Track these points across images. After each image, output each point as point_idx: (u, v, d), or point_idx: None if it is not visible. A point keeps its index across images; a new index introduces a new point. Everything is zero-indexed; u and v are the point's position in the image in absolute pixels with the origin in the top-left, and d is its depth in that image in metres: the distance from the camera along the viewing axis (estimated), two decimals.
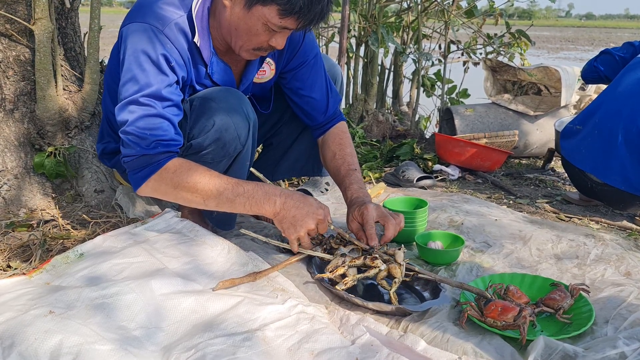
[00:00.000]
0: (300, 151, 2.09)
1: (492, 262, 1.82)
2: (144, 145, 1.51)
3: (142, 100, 1.51)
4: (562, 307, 1.45)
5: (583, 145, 2.33)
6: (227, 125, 1.62)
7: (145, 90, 1.51)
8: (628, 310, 1.45)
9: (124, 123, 1.52)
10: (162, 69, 1.53)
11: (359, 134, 3.76)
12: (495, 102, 3.71)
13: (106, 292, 1.30)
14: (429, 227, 2.07)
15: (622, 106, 2.22)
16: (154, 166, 1.52)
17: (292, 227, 1.57)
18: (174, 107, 1.56)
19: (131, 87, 1.52)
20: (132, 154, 1.53)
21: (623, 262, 1.83)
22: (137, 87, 1.51)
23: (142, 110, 1.51)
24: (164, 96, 1.53)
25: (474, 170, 3.09)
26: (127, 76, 1.53)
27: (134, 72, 1.52)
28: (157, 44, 1.53)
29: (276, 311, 1.35)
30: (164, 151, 1.53)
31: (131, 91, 1.52)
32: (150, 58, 1.52)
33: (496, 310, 1.39)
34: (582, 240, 1.99)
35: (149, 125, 1.51)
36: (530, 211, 2.45)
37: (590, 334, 1.36)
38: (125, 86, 1.53)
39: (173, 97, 1.56)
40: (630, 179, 2.17)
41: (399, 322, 1.42)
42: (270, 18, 1.52)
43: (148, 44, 1.53)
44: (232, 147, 1.66)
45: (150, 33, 1.53)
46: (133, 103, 1.51)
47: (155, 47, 1.53)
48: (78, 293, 1.29)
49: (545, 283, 1.58)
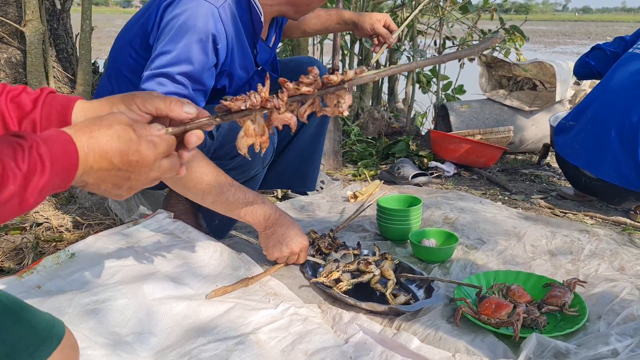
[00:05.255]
0: (294, 156, 2.07)
1: (486, 259, 1.82)
2: None
3: (178, 77, 1.47)
4: (566, 302, 1.45)
5: (576, 141, 2.33)
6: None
7: (183, 67, 1.47)
8: (621, 305, 1.45)
9: None
10: (207, 50, 1.50)
11: (355, 131, 3.75)
12: (490, 98, 3.70)
13: (98, 298, 1.29)
14: (423, 225, 2.07)
15: (614, 101, 2.22)
16: None
17: (278, 245, 1.57)
18: (203, 92, 1.54)
19: (168, 58, 1.47)
20: None
21: (617, 257, 1.83)
22: (175, 61, 1.46)
23: (173, 87, 1.47)
24: (199, 79, 1.50)
25: (469, 167, 3.09)
26: (167, 47, 1.47)
27: (177, 44, 1.47)
28: (210, 22, 1.49)
29: (269, 315, 1.35)
30: None
31: (166, 63, 1.47)
32: (200, 36, 1.48)
33: (490, 307, 1.39)
34: (576, 235, 1.99)
35: None
36: (525, 207, 2.45)
37: (583, 330, 1.36)
38: (161, 56, 1.47)
39: (207, 82, 1.53)
40: (624, 174, 2.17)
41: (392, 321, 1.42)
42: None
43: (200, 21, 1.48)
44: (254, 171, 1.69)
45: (206, 9, 1.49)
46: (165, 76, 1.46)
47: (207, 26, 1.49)
48: (69, 299, 1.29)
49: (539, 281, 1.58)
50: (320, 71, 2.06)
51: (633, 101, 2.16)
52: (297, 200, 2.40)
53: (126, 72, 1.66)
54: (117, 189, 0.84)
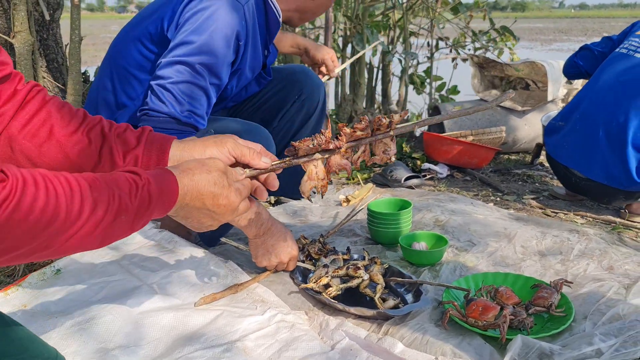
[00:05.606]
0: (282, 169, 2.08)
1: (476, 260, 1.83)
2: (178, 110, 1.47)
3: (198, 67, 1.48)
4: (553, 302, 1.46)
5: (566, 141, 2.34)
6: None
7: (204, 58, 1.48)
8: (607, 305, 1.46)
9: (165, 78, 1.48)
10: (230, 45, 1.52)
11: None
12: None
13: (82, 318, 1.29)
14: (414, 228, 2.08)
15: (602, 101, 2.23)
16: (179, 134, 1.48)
17: (267, 255, 1.58)
18: (218, 87, 1.55)
19: (190, 48, 1.48)
20: (162, 111, 1.47)
21: (606, 256, 1.84)
22: (197, 51, 1.47)
23: (191, 77, 1.47)
24: (218, 73, 1.51)
25: (462, 168, 3.10)
26: (190, 37, 1.48)
27: (201, 36, 1.48)
28: (236, 18, 1.51)
29: (256, 322, 1.35)
30: (193, 124, 1.50)
31: (188, 52, 1.48)
32: (225, 30, 1.49)
33: (477, 310, 1.40)
34: (566, 236, 2.00)
35: (191, 94, 1.48)
36: (517, 208, 2.46)
37: (569, 330, 1.37)
38: (183, 45, 1.48)
39: (224, 77, 1.55)
40: (613, 173, 2.18)
41: (380, 325, 1.43)
42: None
43: (227, 15, 1.50)
44: None
45: (233, 5, 1.51)
46: (185, 64, 1.47)
47: (234, 21, 1.51)
48: (54, 324, 1.29)
49: (527, 282, 1.59)
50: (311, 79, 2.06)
51: (620, 101, 2.17)
52: (289, 206, 2.41)
53: (133, 70, 1.65)
54: (200, 224, 1.00)
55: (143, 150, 1.06)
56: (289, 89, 1.95)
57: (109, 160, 1.04)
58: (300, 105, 1.96)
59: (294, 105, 1.96)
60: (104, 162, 1.04)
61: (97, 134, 1.05)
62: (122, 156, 1.05)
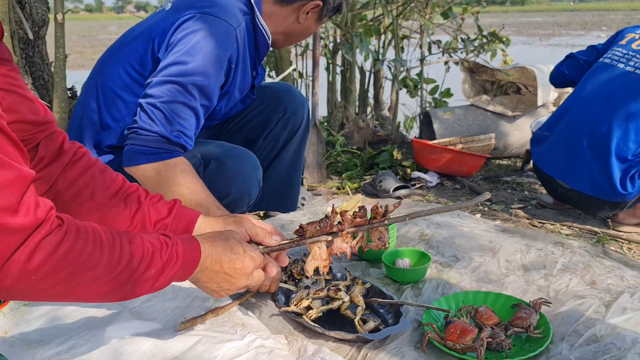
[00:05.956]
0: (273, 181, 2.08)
1: (460, 277, 1.84)
2: (168, 129, 1.48)
3: (190, 88, 1.49)
4: (531, 323, 1.46)
5: (551, 152, 2.35)
6: (242, 196, 1.70)
7: (197, 79, 1.49)
8: (585, 325, 1.46)
9: (156, 97, 1.48)
10: (222, 68, 1.53)
11: (340, 141, 3.77)
12: (474, 104, 3.72)
13: (60, 349, 1.30)
14: (399, 242, 2.08)
15: (586, 112, 2.24)
16: (168, 154, 1.49)
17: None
18: (207, 109, 1.56)
19: (184, 68, 1.48)
20: (152, 130, 1.48)
21: (589, 270, 1.84)
22: (191, 72, 1.48)
23: (183, 97, 1.48)
24: (209, 95, 1.53)
25: (452, 176, 3.11)
26: (182, 58, 1.49)
27: (194, 57, 1.48)
28: (229, 42, 1.54)
29: (235, 347, 1.36)
30: (182, 145, 1.51)
31: (181, 72, 1.48)
32: (219, 53, 1.51)
33: (455, 333, 1.40)
34: (550, 249, 2.00)
35: (181, 113, 1.49)
36: (504, 218, 2.46)
37: (546, 353, 1.37)
38: (175, 65, 1.49)
39: (214, 99, 1.56)
40: (597, 184, 2.19)
41: (359, 349, 1.43)
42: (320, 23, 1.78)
43: (221, 39, 1.52)
44: (239, 210, 1.73)
45: (226, 28, 1.53)
46: (178, 84, 1.48)
47: (227, 45, 1.53)
48: (32, 355, 1.30)
49: (507, 301, 1.59)
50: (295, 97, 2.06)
51: (603, 112, 2.17)
52: (277, 219, 2.42)
53: (119, 91, 1.65)
54: (219, 288, 1.14)
55: (172, 220, 1.22)
56: (273, 107, 1.96)
57: (141, 225, 1.18)
58: (284, 123, 1.97)
59: (279, 123, 1.97)
60: (135, 225, 1.18)
61: (133, 201, 1.18)
62: (153, 223, 1.19)
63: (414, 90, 4.75)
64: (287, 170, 2.04)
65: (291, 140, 1.99)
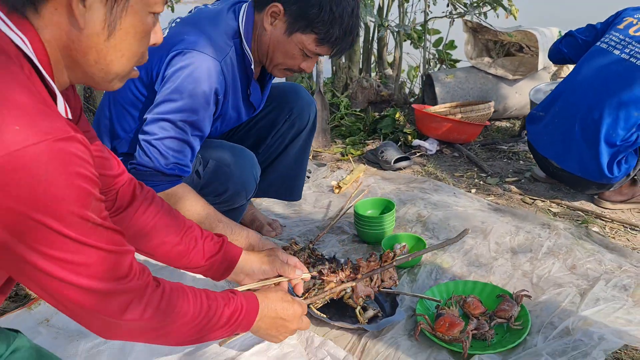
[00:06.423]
0: (279, 172, 2.19)
1: (452, 261, 2.01)
2: (163, 163, 1.61)
3: (180, 124, 1.61)
4: (512, 315, 1.65)
5: (545, 133, 2.46)
6: (239, 191, 1.82)
7: (186, 115, 1.61)
8: (560, 317, 1.65)
9: (151, 134, 1.62)
10: (209, 102, 1.64)
11: (344, 103, 3.86)
12: (475, 66, 3.77)
13: (99, 341, 1.50)
14: (398, 223, 2.25)
15: (579, 98, 2.33)
16: (166, 184, 1.64)
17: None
18: (201, 137, 1.69)
19: (173, 106, 1.60)
20: (147, 166, 1.62)
21: (571, 254, 2.02)
22: (179, 109, 1.60)
23: (175, 132, 1.61)
24: (199, 127, 1.65)
25: (451, 143, 3.23)
26: (172, 95, 1.60)
27: (182, 94, 1.59)
28: (214, 76, 1.62)
29: (250, 337, 1.55)
30: (178, 174, 1.65)
31: (170, 110, 1.60)
32: (204, 89, 1.61)
33: (444, 325, 1.59)
34: (537, 232, 2.17)
35: (175, 147, 1.63)
36: (497, 194, 2.61)
37: (524, 344, 1.56)
38: (166, 103, 1.60)
39: (206, 129, 1.68)
40: (586, 167, 2.32)
41: (360, 337, 1.62)
42: (308, 45, 1.68)
43: (205, 74, 1.61)
44: (238, 204, 1.86)
45: (210, 64, 1.61)
46: (168, 122, 1.61)
47: (211, 79, 1.62)
48: (75, 347, 1.50)
49: (493, 291, 1.77)
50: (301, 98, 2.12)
51: (595, 98, 2.27)
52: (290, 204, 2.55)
53: (128, 106, 1.76)
54: (277, 333, 1.32)
55: (221, 258, 1.42)
56: (279, 109, 2.06)
57: (195, 259, 1.38)
58: (290, 124, 2.08)
59: (285, 124, 2.08)
60: (191, 260, 1.37)
61: (191, 240, 1.36)
62: (205, 259, 1.39)
63: (418, 42, 4.76)
64: (293, 164, 2.17)
65: (297, 137, 2.11)
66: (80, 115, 1.11)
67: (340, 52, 1.76)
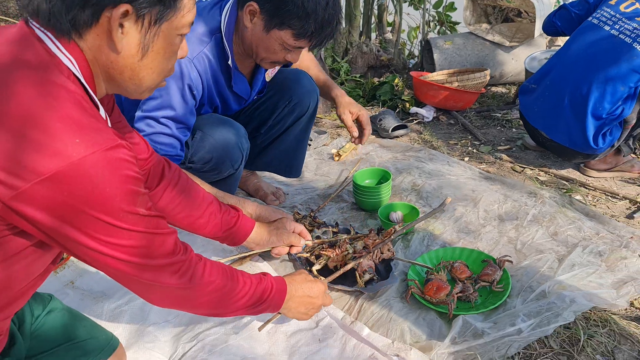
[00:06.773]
0: (280, 151, 2.32)
1: (443, 228, 2.16)
2: None
3: (162, 120, 1.78)
4: (495, 279, 1.81)
5: (536, 104, 2.57)
6: (223, 159, 1.95)
7: (167, 112, 1.77)
8: (538, 281, 1.81)
9: (140, 131, 1.78)
10: (186, 97, 1.79)
11: (344, 68, 3.94)
12: (473, 33, 3.83)
13: (121, 302, 1.68)
14: (394, 192, 2.39)
15: (569, 72, 2.43)
16: None
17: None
18: (186, 128, 1.85)
19: (155, 104, 1.76)
20: None
21: (553, 222, 2.17)
22: (160, 107, 1.76)
23: (159, 128, 1.78)
24: (182, 120, 1.81)
25: (448, 110, 3.34)
26: (155, 93, 1.74)
27: (161, 91, 1.75)
28: (186, 73, 1.77)
29: None
30: None
31: (153, 107, 1.76)
32: (178, 85, 1.77)
33: (432, 289, 1.76)
34: (524, 200, 2.31)
35: (164, 141, 1.79)
36: (489, 162, 2.75)
37: (504, 306, 1.73)
38: (150, 100, 1.76)
39: (189, 121, 1.83)
40: (574, 138, 2.45)
41: (357, 299, 1.79)
42: (286, 40, 1.78)
43: (178, 74, 1.76)
44: (226, 172, 1.99)
45: (182, 63, 1.75)
46: (152, 119, 1.77)
47: (184, 77, 1.77)
48: (100, 307, 1.67)
49: (479, 256, 1.93)
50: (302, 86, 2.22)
51: (584, 73, 2.37)
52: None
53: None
54: (306, 310, 1.49)
55: (237, 230, 1.67)
56: (279, 95, 2.18)
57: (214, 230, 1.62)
58: (290, 109, 2.20)
59: (285, 109, 2.20)
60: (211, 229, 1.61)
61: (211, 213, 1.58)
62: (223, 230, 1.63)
63: (419, 3, 4.80)
64: (294, 144, 2.30)
65: (297, 122, 2.23)
66: (113, 108, 1.24)
67: (319, 44, 1.82)
